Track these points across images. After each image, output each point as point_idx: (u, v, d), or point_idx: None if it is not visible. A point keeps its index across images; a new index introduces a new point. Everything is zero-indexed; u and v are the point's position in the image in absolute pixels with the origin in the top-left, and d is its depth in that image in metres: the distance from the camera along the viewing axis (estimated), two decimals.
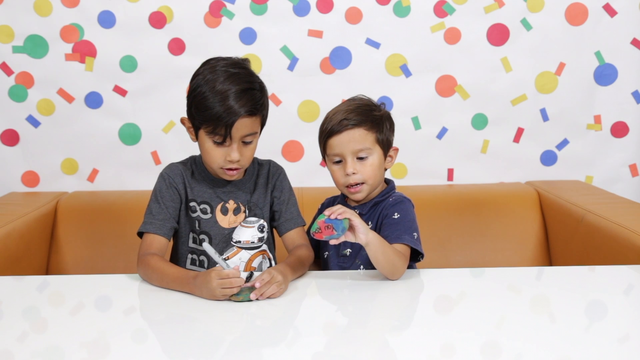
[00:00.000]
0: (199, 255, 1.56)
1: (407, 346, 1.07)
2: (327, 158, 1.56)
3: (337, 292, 1.36)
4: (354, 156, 1.51)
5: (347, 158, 1.51)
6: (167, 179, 1.55)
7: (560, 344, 1.06)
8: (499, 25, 2.33)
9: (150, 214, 1.52)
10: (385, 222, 1.50)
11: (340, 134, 1.51)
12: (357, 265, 1.56)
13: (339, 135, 1.51)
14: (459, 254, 2.14)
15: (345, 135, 1.50)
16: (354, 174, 1.50)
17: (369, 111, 1.53)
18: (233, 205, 1.55)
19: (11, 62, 2.30)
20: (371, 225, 1.53)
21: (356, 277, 1.45)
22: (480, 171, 2.41)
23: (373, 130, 1.52)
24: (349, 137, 1.50)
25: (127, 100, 2.33)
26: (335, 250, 1.58)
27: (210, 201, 1.55)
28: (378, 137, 1.52)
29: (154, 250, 1.47)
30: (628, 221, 1.77)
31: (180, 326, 1.18)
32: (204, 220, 1.55)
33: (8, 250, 1.83)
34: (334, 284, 1.40)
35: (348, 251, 1.57)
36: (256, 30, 2.32)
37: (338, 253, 1.58)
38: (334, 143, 1.52)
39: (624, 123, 2.40)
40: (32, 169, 2.37)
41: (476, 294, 1.35)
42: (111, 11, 2.28)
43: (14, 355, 1.04)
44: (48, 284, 1.47)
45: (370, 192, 1.55)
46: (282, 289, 1.31)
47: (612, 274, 1.47)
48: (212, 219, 1.54)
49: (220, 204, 1.55)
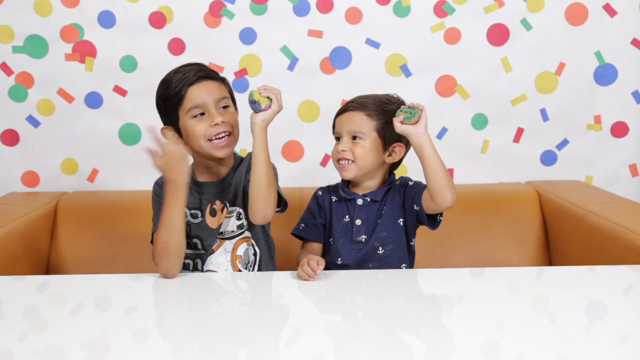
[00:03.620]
0: (185, 259, 1.57)
1: (407, 346, 1.07)
2: (333, 136, 1.67)
3: (337, 292, 1.36)
4: (349, 136, 1.60)
5: (344, 136, 1.61)
6: (161, 185, 1.59)
7: (560, 344, 1.06)
8: (499, 25, 2.33)
9: (156, 215, 1.56)
10: (406, 190, 1.60)
11: (343, 114, 1.62)
12: (375, 247, 1.59)
13: (342, 115, 1.63)
14: (459, 254, 2.14)
15: (346, 115, 1.61)
16: (343, 151, 1.59)
17: (380, 103, 1.61)
18: (220, 206, 1.60)
19: (11, 62, 2.29)
20: (386, 210, 1.60)
21: (356, 277, 1.45)
22: (480, 171, 2.41)
23: (375, 118, 1.59)
24: (348, 118, 1.61)
25: (127, 100, 2.33)
26: (349, 236, 1.60)
27: (199, 207, 1.60)
28: (378, 126, 1.59)
29: None
30: (628, 221, 1.77)
31: (180, 326, 1.18)
32: (195, 225, 1.60)
33: (8, 250, 1.82)
34: (334, 284, 1.40)
35: (363, 237, 1.60)
36: (256, 30, 2.32)
37: (352, 239, 1.60)
38: (337, 122, 1.64)
39: (624, 123, 2.40)
40: (32, 169, 2.37)
41: (476, 294, 1.35)
42: (111, 11, 2.28)
43: (14, 355, 1.04)
44: (48, 284, 1.47)
45: (360, 174, 1.60)
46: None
47: (612, 274, 1.47)
48: (202, 223, 1.60)
49: (207, 206, 1.60)
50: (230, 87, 1.64)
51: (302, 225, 1.68)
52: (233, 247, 1.59)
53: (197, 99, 1.53)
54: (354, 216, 1.61)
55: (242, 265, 1.60)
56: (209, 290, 1.41)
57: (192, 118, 1.54)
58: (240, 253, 1.60)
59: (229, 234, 1.60)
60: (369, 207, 1.61)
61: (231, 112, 1.58)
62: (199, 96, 1.53)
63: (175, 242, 1.44)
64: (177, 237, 1.44)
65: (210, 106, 1.53)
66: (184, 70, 1.56)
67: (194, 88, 1.53)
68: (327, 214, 1.66)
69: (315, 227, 1.66)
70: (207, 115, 1.53)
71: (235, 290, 1.43)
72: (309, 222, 1.67)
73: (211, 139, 1.53)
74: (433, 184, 1.47)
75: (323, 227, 1.66)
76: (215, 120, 1.52)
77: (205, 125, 1.53)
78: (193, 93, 1.53)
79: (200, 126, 1.53)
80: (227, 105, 1.57)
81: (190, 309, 1.27)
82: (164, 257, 1.43)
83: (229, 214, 1.60)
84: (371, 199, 1.61)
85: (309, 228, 1.66)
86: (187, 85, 1.53)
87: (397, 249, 1.60)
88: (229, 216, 1.60)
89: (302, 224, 1.68)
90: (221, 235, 1.59)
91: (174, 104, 1.55)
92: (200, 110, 1.53)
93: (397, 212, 1.61)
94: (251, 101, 1.46)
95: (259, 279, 1.51)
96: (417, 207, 1.56)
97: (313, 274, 1.38)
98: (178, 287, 1.40)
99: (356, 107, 1.60)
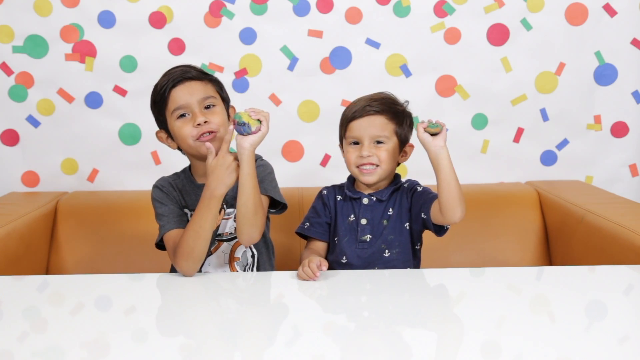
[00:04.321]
0: None
1: (407, 346, 1.07)
2: (345, 140, 1.63)
3: (337, 292, 1.36)
4: (371, 140, 1.58)
5: (365, 141, 1.58)
6: (161, 188, 1.60)
7: (560, 344, 1.06)
8: (499, 25, 2.33)
9: (163, 216, 1.56)
10: (414, 195, 1.60)
11: (362, 118, 1.59)
12: (382, 249, 1.59)
13: (360, 119, 1.59)
14: (459, 254, 2.14)
15: (366, 120, 1.58)
16: (369, 156, 1.57)
17: (391, 104, 1.62)
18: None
19: (11, 62, 2.30)
20: (392, 212, 1.60)
21: (356, 277, 1.45)
22: (480, 171, 2.41)
23: (393, 121, 1.60)
24: (369, 122, 1.58)
25: (127, 100, 2.33)
26: (354, 235, 1.61)
27: None
28: (397, 129, 1.60)
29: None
30: (628, 221, 1.77)
31: (180, 326, 1.18)
32: None
33: (8, 250, 1.82)
34: (334, 284, 1.40)
35: (368, 237, 1.60)
36: (256, 30, 2.32)
37: (357, 239, 1.60)
38: (355, 126, 1.59)
39: (624, 123, 2.40)
40: (32, 169, 2.37)
41: (476, 294, 1.35)
42: (111, 11, 2.28)
43: (14, 355, 1.04)
44: (48, 284, 1.47)
45: (382, 178, 1.61)
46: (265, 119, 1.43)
47: (612, 274, 1.47)
48: None
49: None
50: (220, 87, 1.62)
51: (307, 224, 1.67)
52: (231, 249, 1.59)
53: (179, 100, 1.53)
54: (359, 215, 1.61)
55: (240, 268, 1.60)
56: (209, 290, 1.41)
57: (177, 119, 1.54)
58: (238, 255, 1.60)
59: (227, 236, 1.60)
60: (374, 206, 1.62)
61: (217, 111, 1.55)
62: (182, 97, 1.53)
63: (201, 248, 1.44)
64: (203, 244, 1.45)
65: (194, 106, 1.53)
66: (171, 72, 1.57)
67: (176, 90, 1.54)
68: (332, 212, 1.66)
69: (320, 225, 1.66)
70: (192, 116, 1.53)
71: (235, 289, 1.43)
72: (313, 221, 1.67)
73: (198, 137, 1.53)
74: (445, 199, 1.46)
75: (328, 226, 1.66)
76: (197, 120, 1.51)
77: (190, 126, 1.53)
78: (176, 94, 1.54)
79: (185, 127, 1.53)
80: (211, 105, 1.55)
81: (190, 308, 1.27)
82: (187, 259, 1.44)
83: (227, 216, 1.59)
84: (377, 198, 1.62)
85: (313, 227, 1.66)
86: (170, 87, 1.54)
87: (402, 253, 1.60)
88: (227, 218, 1.59)
89: (307, 222, 1.68)
90: (219, 237, 1.59)
91: (161, 106, 1.56)
92: (183, 111, 1.53)
93: (404, 216, 1.61)
94: (239, 123, 1.41)
95: (258, 278, 1.51)
96: (425, 215, 1.55)
97: (313, 275, 1.38)
98: (178, 287, 1.40)
99: (377, 110, 1.58)
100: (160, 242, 1.55)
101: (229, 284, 1.47)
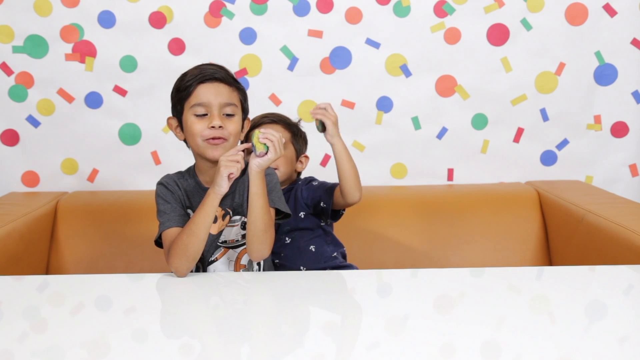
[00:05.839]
0: None
1: (407, 346, 1.07)
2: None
3: (337, 292, 1.36)
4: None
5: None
6: (166, 185, 1.58)
7: (560, 344, 1.06)
8: (499, 25, 2.33)
9: (164, 213, 1.54)
10: (306, 188, 1.77)
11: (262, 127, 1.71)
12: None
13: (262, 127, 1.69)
14: (459, 254, 2.14)
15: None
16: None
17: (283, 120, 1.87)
18: (221, 213, 1.57)
19: (11, 62, 2.30)
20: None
21: (356, 277, 1.45)
22: (480, 171, 2.41)
23: (289, 130, 1.84)
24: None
25: (127, 100, 2.33)
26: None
27: None
28: (292, 139, 1.84)
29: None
30: (628, 221, 1.77)
31: (180, 326, 1.18)
32: None
33: (8, 250, 1.82)
34: (334, 284, 1.40)
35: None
36: (256, 30, 2.32)
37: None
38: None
39: (624, 123, 2.40)
40: (32, 169, 2.37)
41: (476, 294, 1.35)
42: (111, 11, 2.28)
43: (14, 355, 1.04)
44: (48, 284, 1.47)
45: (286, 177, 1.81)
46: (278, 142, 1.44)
47: (612, 274, 1.47)
48: None
49: None
50: (244, 97, 1.61)
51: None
52: (237, 257, 1.57)
53: (202, 97, 1.53)
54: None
55: None
56: (209, 290, 1.41)
57: (194, 115, 1.54)
58: (244, 263, 1.57)
59: (233, 243, 1.58)
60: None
61: (234, 120, 1.55)
62: (205, 95, 1.53)
63: (194, 247, 1.44)
64: (197, 243, 1.44)
65: (214, 108, 1.53)
66: (203, 68, 1.57)
67: (203, 86, 1.54)
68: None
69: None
70: (209, 116, 1.53)
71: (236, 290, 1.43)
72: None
73: (207, 139, 1.53)
74: (345, 184, 1.63)
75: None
76: (214, 122, 1.51)
77: (204, 125, 1.52)
78: (201, 90, 1.53)
79: (199, 124, 1.53)
80: (232, 114, 1.55)
81: (190, 308, 1.27)
82: (180, 258, 1.44)
83: (234, 223, 1.58)
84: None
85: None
86: (198, 82, 1.54)
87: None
88: (233, 225, 1.58)
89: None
90: (225, 244, 1.57)
91: (183, 97, 1.55)
92: (203, 109, 1.53)
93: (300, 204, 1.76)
94: (252, 143, 1.44)
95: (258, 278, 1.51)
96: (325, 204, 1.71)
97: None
98: (178, 287, 1.40)
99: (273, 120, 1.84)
100: (159, 239, 1.55)
101: (229, 284, 1.46)
